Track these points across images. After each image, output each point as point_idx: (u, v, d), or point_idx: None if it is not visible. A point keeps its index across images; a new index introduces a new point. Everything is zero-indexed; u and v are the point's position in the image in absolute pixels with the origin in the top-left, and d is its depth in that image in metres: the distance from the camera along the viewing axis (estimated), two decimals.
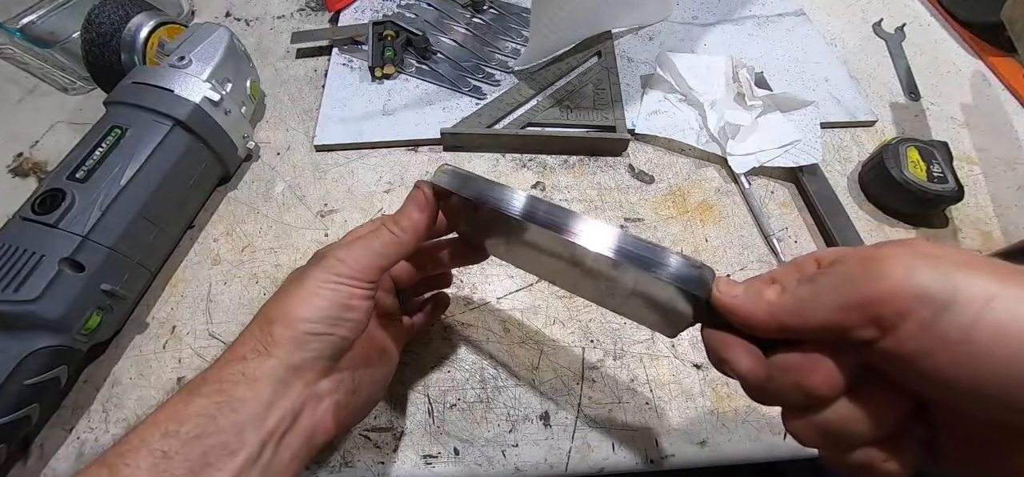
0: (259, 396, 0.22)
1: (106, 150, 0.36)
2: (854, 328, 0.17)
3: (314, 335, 0.24)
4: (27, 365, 0.30)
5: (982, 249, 0.43)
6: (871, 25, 0.61)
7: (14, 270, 0.31)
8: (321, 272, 0.24)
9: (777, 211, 0.45)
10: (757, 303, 0.19)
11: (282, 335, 0.23)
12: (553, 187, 0.46)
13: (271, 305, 0.24)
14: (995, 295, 0.15)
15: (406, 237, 0.26)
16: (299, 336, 0.23)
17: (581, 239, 0.23)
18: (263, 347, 0.23)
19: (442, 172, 0.26)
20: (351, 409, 0.27)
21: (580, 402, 0.35)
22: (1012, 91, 0.54)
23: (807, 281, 0.18)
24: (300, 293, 0.24)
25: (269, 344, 0.23)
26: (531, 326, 0.38)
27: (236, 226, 0.43)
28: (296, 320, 0.23)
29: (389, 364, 0.30)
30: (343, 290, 0.24)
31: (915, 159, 0.43)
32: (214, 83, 0.42)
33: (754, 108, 0.47)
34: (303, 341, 0.23)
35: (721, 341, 0.21)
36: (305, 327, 0.23)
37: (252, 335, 0.24)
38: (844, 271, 0.17)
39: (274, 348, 0.23)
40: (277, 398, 0.23)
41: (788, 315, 0.19)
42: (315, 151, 0.48)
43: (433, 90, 0.52)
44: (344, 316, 0.24)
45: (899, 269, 0.16)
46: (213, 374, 0.22)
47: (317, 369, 0.24)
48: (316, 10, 0.62)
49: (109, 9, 0.44)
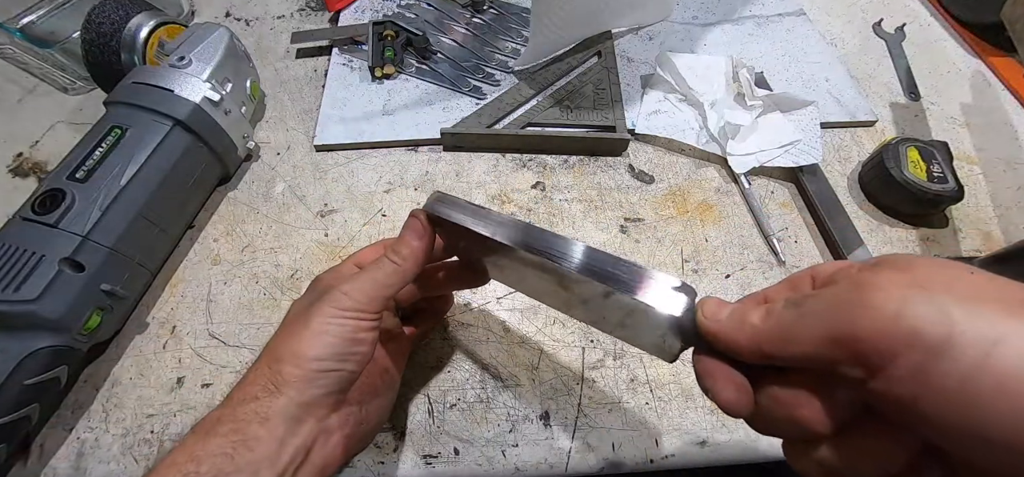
0: (273, 433, 0.22)
1: (106, 150, 0.36)
2: (839, 363, 0.15)
3: (324, 372, 0.24)
4: (27, 365, 0.30)
5: (982, 249, 0.43)
6: (871, 25, 0.61)
7: (14, 270, 0.31)
8: (328, 307, 0.25)
9: (777, 211, 0.45)
10: (741, 329, 0.18)
11: (292, 374, 0.23)
12: (553, 187, 0.46)
13: (278, 342, 0.25)
14: (1000, 338, 0.12)
15: (407, 265, 0.26)
16: (309, 374, 0.23)
17: (566, 265, 0.23)
18: (273, 386, 0.23)
19: (435, 199, 0.27)
20: (359, 438, 0.27)
21: (580, 402, 0.35)
22: (1012, 91, 0.54)
23: (793, 305, 0.16)
24: (308, 331, 0.24)
25: (280, 383, 0.23)
26: (531, 326, 0.38)
27: (236, 226, 0.43)
28: (305, 358, 0.24)
29: (393, 386, 0.31)
30: (350, 325, 0.25)
31: (915, 159, 0.43)
32: (214, 83, 0.42)
33: (754, 108, 0.47)
34: (313, 378, 0.24)
35: (704, 368, 0.20)
36: (315, 366, 0.24)
37: (261, 374, 0.24)
38: (833, 297, 0.15)
39: (285, 386, 0.23)
40: (289, 435, 0.23)
41: (770, 343, 0.17)
42: (315, 151, 0.48)
43: (433, 90, 0.52)
44: (352, 351, 0.24)
45: (891, 302, 0.14)
46: (227, 413, 0.23)
47: (327, 404, 0.24)
48: (316, 10, 0.62)
49: (109, 9, 0.44)
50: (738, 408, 0.18)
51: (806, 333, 0.16)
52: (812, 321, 0.16)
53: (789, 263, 0.41)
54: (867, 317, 0.14)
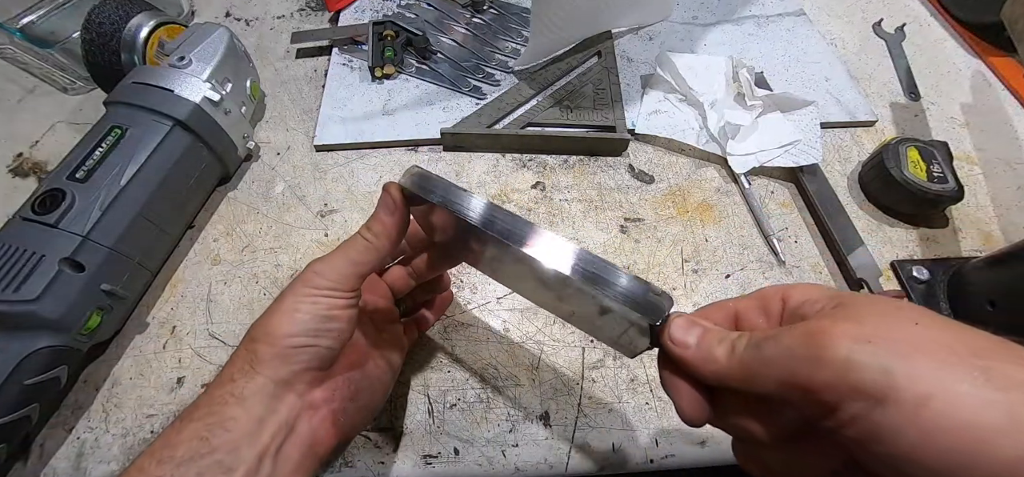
0: (250, 413, 0.23)
1: (106, 150, 0.36)
2: (796, 404, 0.17)
3: (297, 348, 0.24)
4: (27, 365, 0.30)
5: (982, 249, 0.43)
6: (871, 25, 0.61)
7: (14, 270, 0.31)
8: (301, 286, 0.25)
9: (777, 211, 0.45)
10: (706, 363, 0.19)
11: (266, 352, 0.24)
12: (553, 187, 0.46)
13: (255, 325, 0.25)
14: (931, 396, 0.14)
15: (379, 242, 0.26)
16: (282, 351, 0.24)
17: (535, 252, 0.23)
18: (249, 366, 0.24)
19: (409, 173, 0.26)
20: (350, 416, 0.27)
21: (580, 402, 0.35)
22: (1012, 91, 0.54)
23: (755, 347, 0.18)
24: (280, 310, 0.25)
25: (255, 362, 0.24)
26: (531, 326, 0.38)
27: (236, 226, 0.43)
28: (277, 336, 0.24)
29: (390, 370, 0.30)
30: (323, 302, 0.25)
31: (915, 159, 0.43)
32: (214, 83, 0.42)
33: (754, 108, 0.47)
34: (287, 355, 0.24)
35: (668, 381, 0.22)
36: (287, 342, 0.24)
37: (239, 357, 0.24)
38: (789, 346, 0.17)
39: (260, 366, 0.23)
40: (269, 413, 0.23)
41: (732, 380, 0.19)
42: (315, 151, 0.48)
43: (433, 90, 0.52)
44: (326, 327, 0.25)
45: (839, 353, 0.15)
46: (204, 399, 0.23)
47: (306, 380, 0.25)
48: (316, 10, 0.62)
49: (109, 9, 0.44)
50: (695, 421, 0.21)
51: (766, 375, 0.17)
52: (772, 367, 0.17)
53: (789, 263, 0.42)
54: (820, 369, 0.16)
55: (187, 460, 0.21)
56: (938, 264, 0.41)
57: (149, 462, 0.21)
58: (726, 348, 0.19)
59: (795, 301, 0.19)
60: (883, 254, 0.42)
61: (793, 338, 0.17)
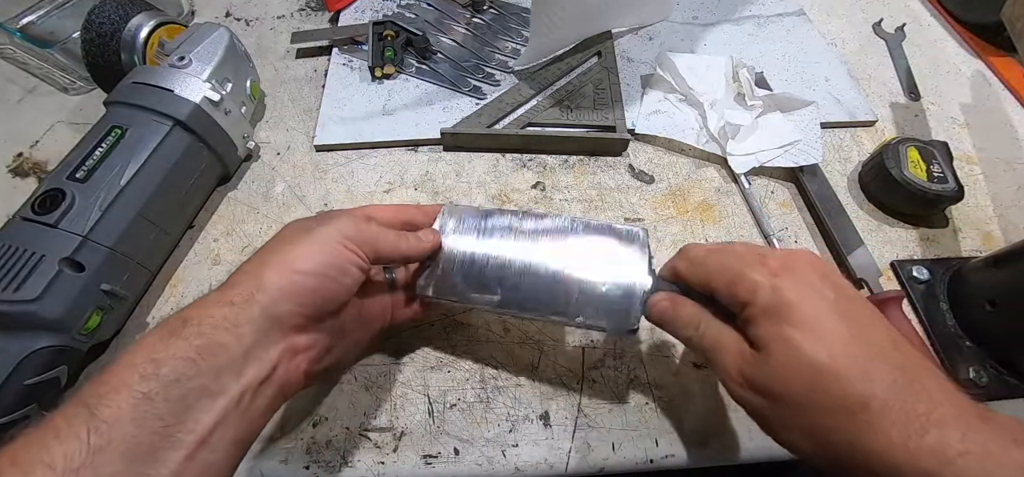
0: (240, 343, 0.22)
1: (106, 150, 0.36)
2: (722, 293, 0.26)
3: (305, 288, 0.24)
4: (27, 365, 0.30)
5: (982, 249, 0.43)
6: (871, 25, 0.61)
7: (14, 270, 0.31)
8: (333, 229, 0.26)
9: (777, 211, 0.45)
10: (670, 272, 0.29)
11: (273, 281, 0.23)
12: (553, 187, 0.46)
13: (269, 247, 0.25)
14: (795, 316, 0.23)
15: (409, 249, 0.30)
16: (290, 284, 0.24)
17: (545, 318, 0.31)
18: (250, 292, 0.23)
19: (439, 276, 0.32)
20: (322, 366, 0.27)
21: (580, 402, 0.35)
22: (1012, 91, 0.54)
23: (714, 253, 0.27)
24: (304, 243, 0.25)
25: (258, 287, 0.23)
26: (531, 326, 0.38)
27: (236, 226, 0.43)
28: (291, 268, 0.24)
29: (367, 332, 0.31)
30: (345, 254, 0.25)
31: (915, 159, 0.43)
32: (214, 83, 0.42)
33: (754, 108, 0.47)
34: (291, 291, 0.24)
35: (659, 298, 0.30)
36: (298, 278, 0.24)
37: (244, 275, 0.24)
38: (733, 262, 0.26)
39: (261, 293, 0.23)
40: (256, 348, 0.23)
41: (693, 274, 0.28)
42: (315, 151, 0.48)
43: (433, 90, 0.52)
44: (337, 278, 0.25)
45: (758, 278, 0.24)
46: (195, 313, 0.22)
47: (296, 323, 0.24)
48: (316, 10, 0.62)
49: (109, 9, 0.44)
50: (662, 309, 0.29)
51: (715, 275, 0.26)
52: (719, 271, 0.26)
53: None
54: (745, 287, 0.24)
55: (173, 381, 0.20)
56: (938, 264, 0.41)
57: (131, 374, 0.20)
58: (695, 254, 0.28)
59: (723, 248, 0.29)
60: (883, 254, 0.42)
61: (735, 259, 0.26)
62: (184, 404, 0.21)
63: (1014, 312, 0.35)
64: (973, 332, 0.37)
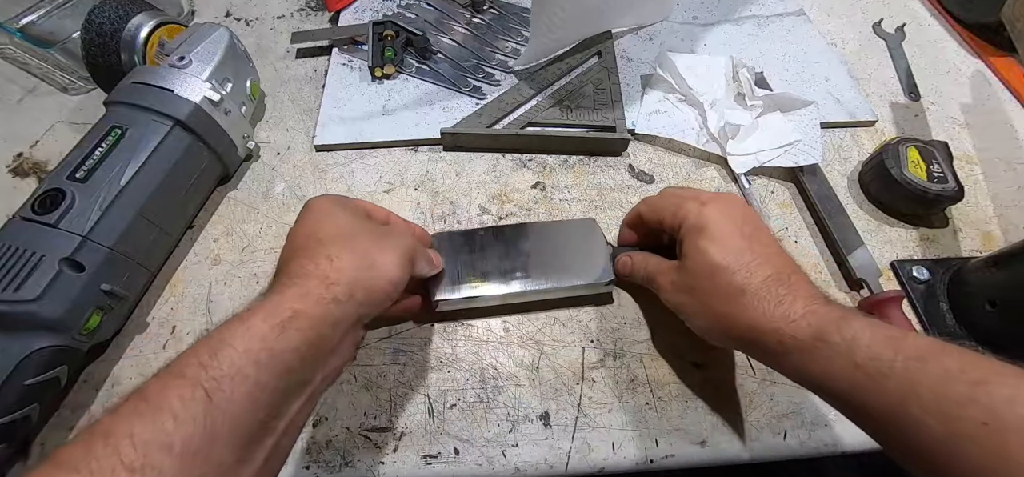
0: (336, 338, 0.24)
1: (106, 150, 0.36)
2: (667, 221, 0.34)
3: (388, 297, 0.27)
4: (27, 365, 0.30)
5: (981, 249, 0.43)
6: (871, 25, 0.61)
7: (14, 270, 0.31)
8: (406, 243, 0.29)
9: (777, 211, 0.45)
10: (634, 214, 0.38)
11: (370, 283, 0.26)
12: (553, 187, 0.46)
13: (347, 235, 0.27)
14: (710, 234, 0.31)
15: (432, 273, 0.35)
16: (381, 292, 0.26)
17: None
18: (350, 291, 0.25)
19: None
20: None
21: (580, 402, 0.35)
22: (1012, 91, 0.54)
23: (660, 197, 0.36)
24: (389, 250, 0.28)
25: (357, 286, 0.25)
26: (531, 326, 0.38)
27: (236, 226, 0.43)
28: (386, 278, 0.27)
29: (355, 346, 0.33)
30: (409, 270, 0.29)
31: (915, 159, 0.43)
32: (214, 83, 0.42)
33: (754, 108, 0.47)
34: (381, 300, 0.27)
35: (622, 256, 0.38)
36: (390, 289, 0.27)
37: (333, 264, 0.25)
38: (674, 203, 0.33)
39: (359, 292, 0.25)
40: (342, 344, 0.26)
41: (646, 214, 0.36)
42: (315, 151, 0.48)
43: (433, 90, 0.52)
44: (399, 291, 0.28)
45: (690, 208, 0.32)
46: (304, 308, 0.23)
47: (362, 325, 0.27)
48: (316, 10, 0.62)
49: (109, 9, 0.44)
50: (623, 262, 0.38)
51: (663, 208, 0.34)
52: (666, 206, 0.34)
53: None
54: (682, 211, 0.32)
55: (284, 371, 0.22)
56: (938, 264, 0.41)
57: (246, 362, 0.20)
58: (641, 208, 0.37)
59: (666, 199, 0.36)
60: (883, 254, 0.42)
61: (675, 202, 0.33)
62: (286, 395, 0.22)
63: (1014, 312, 0.35)
64: (973, 332, 0.37)
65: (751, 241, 0.30)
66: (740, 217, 0.31)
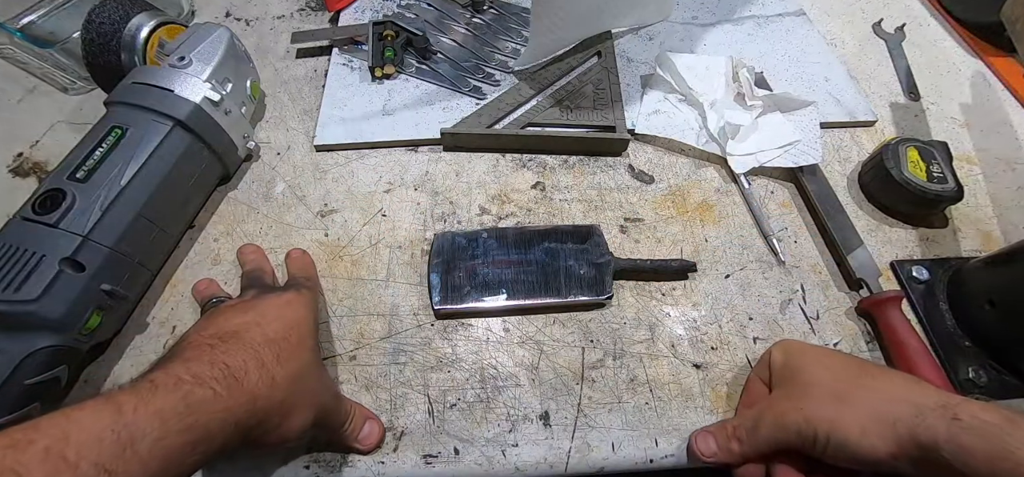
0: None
1: (106, 150, 0.36)
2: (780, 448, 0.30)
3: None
4: (27, 365, 0.30)
5: (981, 249, 0.43)
6: (871, 25, 0.61)
7: (14, 270, 0.31)
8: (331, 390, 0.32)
9: (777, 211, 0.45)
10: (730, 457, 0.31)
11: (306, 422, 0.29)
12: (553, 187, 0.46)
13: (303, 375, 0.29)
14: (829, 430, 0.28)
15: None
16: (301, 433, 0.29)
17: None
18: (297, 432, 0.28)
19: None
20: None
21: (580, 402, 0.35)
22: (1012, 91, 0.54)
23: (750, 435, 0.31)
24: (327, 395, 0.31)
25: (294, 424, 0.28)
26: (531, 326, 0.38)
27: (236, 226, 0.43)
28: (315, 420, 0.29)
29: None
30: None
31: (915, 159, 0.43)
32: (214, 83, 0.42)
33: (754, 108, 0.47)
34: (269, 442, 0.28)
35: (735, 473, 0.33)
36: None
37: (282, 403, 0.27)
38: (768, 433, 0.30)
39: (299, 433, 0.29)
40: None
41: (745, 456, 0.31)
42: (315, 151, 0.48)
43: (433, 90, 0.52)
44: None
45: (791, 427, 0.29)
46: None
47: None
48: (316, 10, 0.62)
49: (109, 9, 0.44)
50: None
51: (763, 447, 0.30)
52: (764, 444, 0.30)
53: (789, 263, 0.42)
54: (786, 435, 0.29)
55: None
56: (938, 264, 0.41)
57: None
58: (735, 444, 0.31)
59: (774, 362, 0.33)
60: (883, 254, 0.42)
61: (768, 428, 0.30)
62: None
63: (1014, 312, 0.35)
64: (973, 332, 0.37)
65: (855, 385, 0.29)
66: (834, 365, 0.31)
